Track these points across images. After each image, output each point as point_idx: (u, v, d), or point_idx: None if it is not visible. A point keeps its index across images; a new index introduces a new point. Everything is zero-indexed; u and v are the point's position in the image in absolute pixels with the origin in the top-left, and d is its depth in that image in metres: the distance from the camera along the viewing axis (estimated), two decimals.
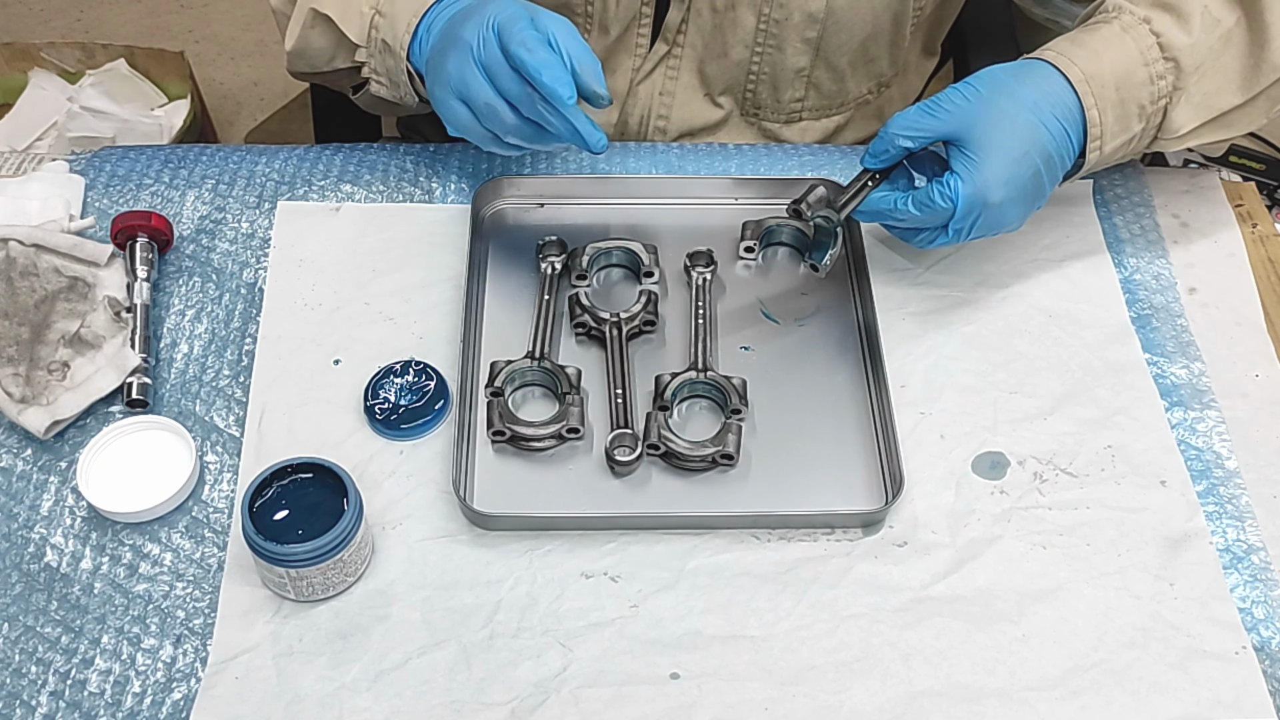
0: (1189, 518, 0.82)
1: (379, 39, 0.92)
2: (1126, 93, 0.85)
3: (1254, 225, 1.01)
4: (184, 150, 1.03)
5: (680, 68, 1.04)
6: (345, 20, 0.93)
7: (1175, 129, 0.87)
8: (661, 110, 1.06)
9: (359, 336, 0.90)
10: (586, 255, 0.92)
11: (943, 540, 0.80)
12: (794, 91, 1.06)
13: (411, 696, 0.73)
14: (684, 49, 1.03)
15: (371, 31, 0.92)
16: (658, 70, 1.05)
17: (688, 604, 0.77)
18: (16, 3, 2.45)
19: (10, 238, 0.91)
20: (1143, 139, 0.88)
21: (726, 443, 0.82)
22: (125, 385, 0.85)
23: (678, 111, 1.06)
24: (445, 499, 0.81)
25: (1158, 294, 0.95)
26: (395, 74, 0.93)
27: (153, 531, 0.80)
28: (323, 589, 0.76)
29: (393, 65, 0.92)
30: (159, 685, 0.74)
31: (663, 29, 1.02)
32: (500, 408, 0.83)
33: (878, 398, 0.86)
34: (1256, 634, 0.77)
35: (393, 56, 0.92)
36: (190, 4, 2.47)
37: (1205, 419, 0.87)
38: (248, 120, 2.26)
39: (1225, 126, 0.89)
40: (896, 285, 0.94)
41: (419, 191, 1.00)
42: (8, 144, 1.88)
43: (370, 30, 0.92)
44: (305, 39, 0.96)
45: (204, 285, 0.93)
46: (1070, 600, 0.78)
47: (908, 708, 0.74)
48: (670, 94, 1.06)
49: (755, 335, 0.91)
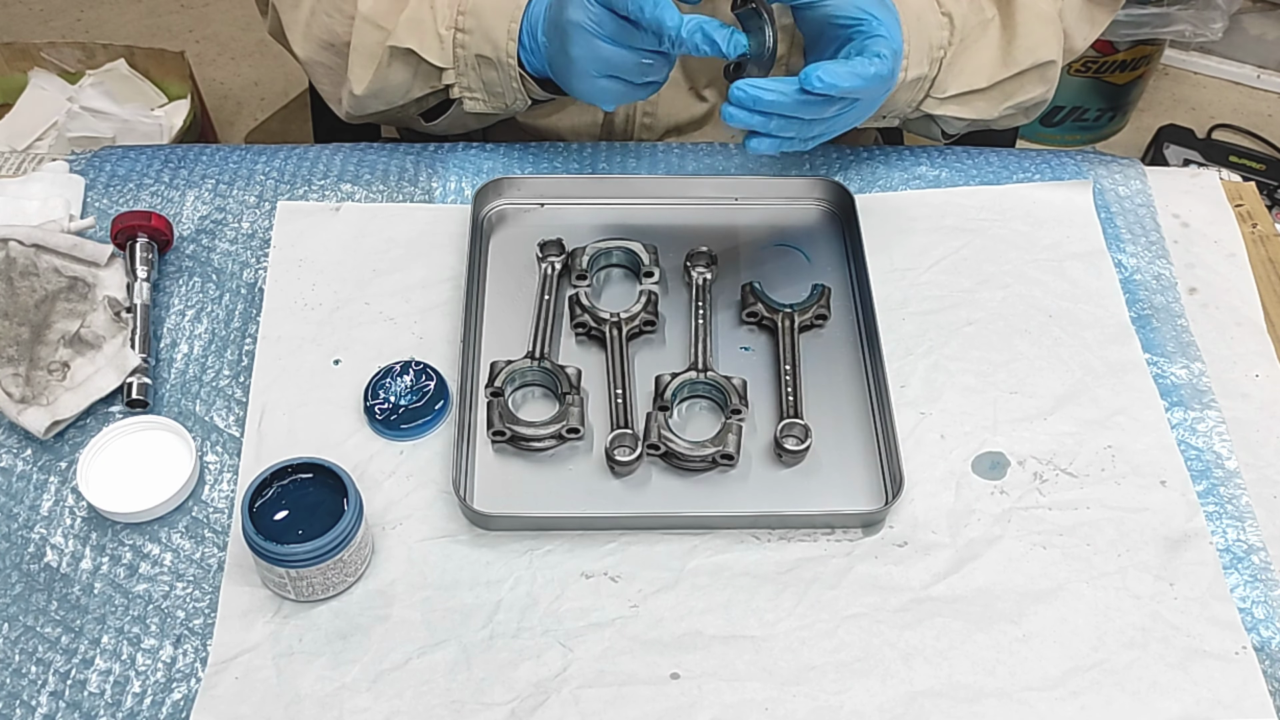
0: (1189, 518, 0.82)
1: (469, 56, 0.92)
2: (922, 27, 0.91)
3: (1254, 225, 1.01)
4: (184, 150, 1.03)
5: None
6: (425, 48, 0.92)
7: (943, 88, 0.94)
8: (647, 107, 1.06)
9: (359, 336, 0.90)
10: (586, 255, 0.92)
11: (943, 540, 0.80)
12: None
13: (411, 696, 0.73)
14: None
15: (457, 50, 0.92)
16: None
17: (688, 604, 0.77)
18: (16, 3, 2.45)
19: (10, 238, 0.91)
20: (924, 90, 0.94)
21: (726, 443, 0.82)
22: (125, 385, 0.85)
23: (663, 107, 1.06)
24: (445, 499, 0.82)
25: (1158, 294, 0.95)
26: (497, 84, 0.93)
27: (153, 531, 0.80)
28: (323, 589, 0.76)
29: (494, 77, 0.93)
30: (159, 685, 0.74)
31: None
32: (500, 408, 0.83)
33: (878, 398, 0.86)
34: (1256, 634, 0.77)
35: (495, 68, 0.92)
36: (190, 4, 2.47)
37: (1205, 419, 0.87)
38: (248, 120, 2.26)
39: (968, 106, 0.97)
40: (896, 285, 0.94)
41: (419, 191, 1.00)
42: (8, 144, 1.88)
43: (455, 49, 0.92)
44: (382, 78, 0.95)
45: (204, 285, 0.93)
46: (1070, 600, 0.78)
47: (908, 708, 0.74)
48: None
49: (755, 335, 0.91)
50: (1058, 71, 0.98)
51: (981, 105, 0.97)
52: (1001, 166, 1.03)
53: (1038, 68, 0.96)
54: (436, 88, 0.95)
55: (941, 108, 0.96)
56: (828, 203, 0.99)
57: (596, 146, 1.04)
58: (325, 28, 0.96)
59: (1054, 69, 0.98)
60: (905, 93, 0.93)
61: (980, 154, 1.04)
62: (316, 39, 0.98)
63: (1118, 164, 1.04)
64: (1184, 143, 2.15)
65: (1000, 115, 0.99)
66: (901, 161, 1.03)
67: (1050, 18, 0.96)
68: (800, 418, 0.84)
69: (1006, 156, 1.04)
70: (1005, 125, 1.03)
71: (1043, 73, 0.97)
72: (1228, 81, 2.39)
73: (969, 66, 0.95)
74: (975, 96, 0.97)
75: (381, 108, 0.99)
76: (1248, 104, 2.36)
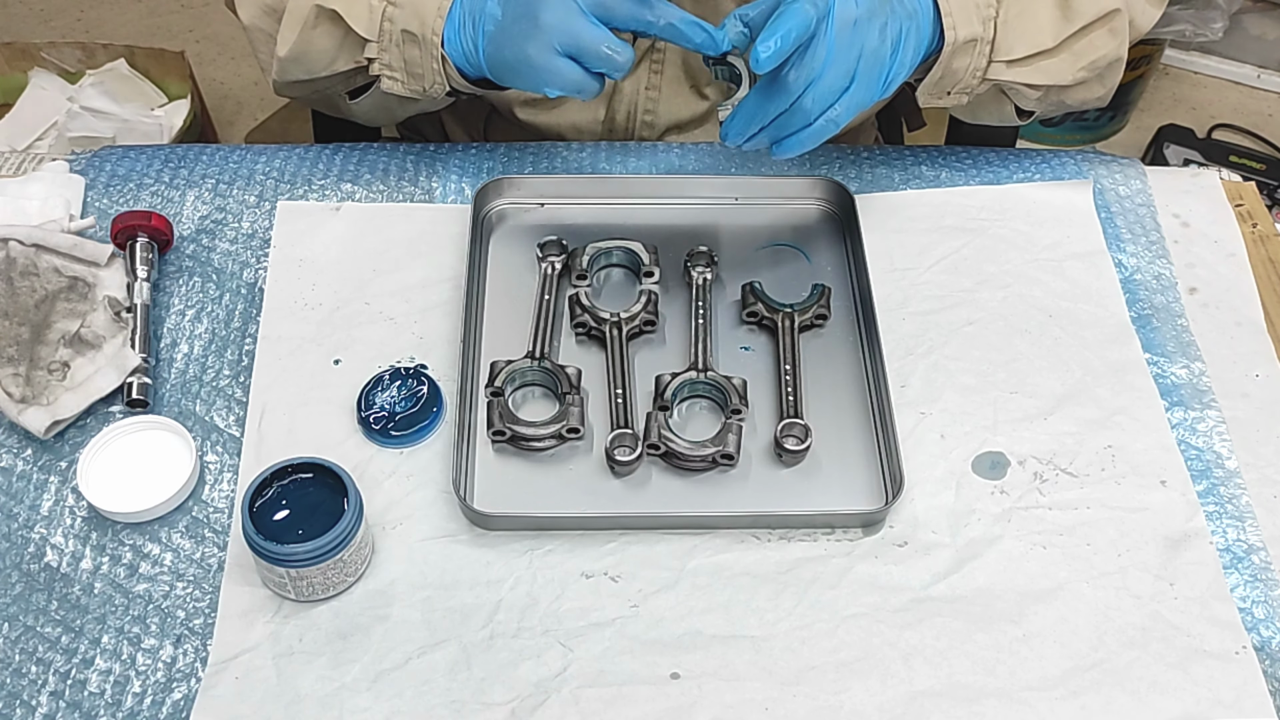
0: (1189, 518, 0.82)
1: (395, 30, 0.89)
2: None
3: (1254, 225, 1.01)
4: (184, 150, 1.03)
5: (665, 61, 1.04)
6: (352, 14, 0.89)
7: (1007, 50, 0.90)
8: (648, 105, 1.06)
9: (359, 336, 0.90)
10: (586, 255, 0.92)
11: (943, 540, 0.80)
12: None
13: (411, 696, 0.73)
14: (667, 44, 1.03)
15: (384, 24, 0.89)
16: (642, 65, 1.04)
17: (688, 604, 0.77)
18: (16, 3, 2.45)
19: (10, 238, 0.91)
20: (984, 54, 0.90)
21: (726, 443, 0.82)
22: (125, 385, 0.85)
23: (664, 106, 1.06)
24: (445, 499, 0.82)
25: (1158, 294, 0.95)
26: (418, 64, 0.90)
27: (153, 531, 0.80)
28: (323, 589, 0.76)
29: (416, 55, 0.90)
30: (159, 685, 0.74)
31: None
32: (500, 408, 0.83)
33: (878, 398, 0.86)
34: (1256, 634, 0.77)
35: (418, 45, 0.89)
36: (190, 4, 2.47)
37: (1205, 419, 0.87)
38: (248, 120, 2.26)
39: (1042, 72, 0.92)
40: (896, 285, 0.94)
41: (419, 191, 1.00)
42: (8, 144, 1.88)
43: (383, 23, 0.89)
44: (306, 40, 0.92)
45: (204, 285, 0.93)
46: (1070, 600, 0.78)
47: (908, 708, 0.74)
48: (656, 88, 1.05)
49: (755, 335, 0.91)
50: (1126, 23, 0.94)
51: (1053, 68, 0.93)
52: (1001, 166, 1.03)
53: (1103, 19, 0.92)
54: (360, 62, 0.92)
55: (1010, 73, 0.91)
56: (828, 203, 0.99)
57: (596, 146, 1.04)
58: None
59: (1121, 19, 0.93)
60: (962, 58, 0.90)
61: (980, 154, 1.04)
62: (261, 3, 0.96)
63: (1118, 164, 1.04)
64: (1184, 143, 2.15)
65: (1075, 80, 0.94)
66: (901, 161, 1.03)
67: None
68: (800, 418, 0.84)
69: (1006, 156, 1.04)
70: (1080, 100, 0.98)
71: (1110, 24, 0.93)
72: (1228, 81, 2.39)
73: (1030, 27, 0.91)
74: (1044, 58, 0.92)
75: (304, 76, 0.95)
76: (1248, 104, 2.36)
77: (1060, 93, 0.95)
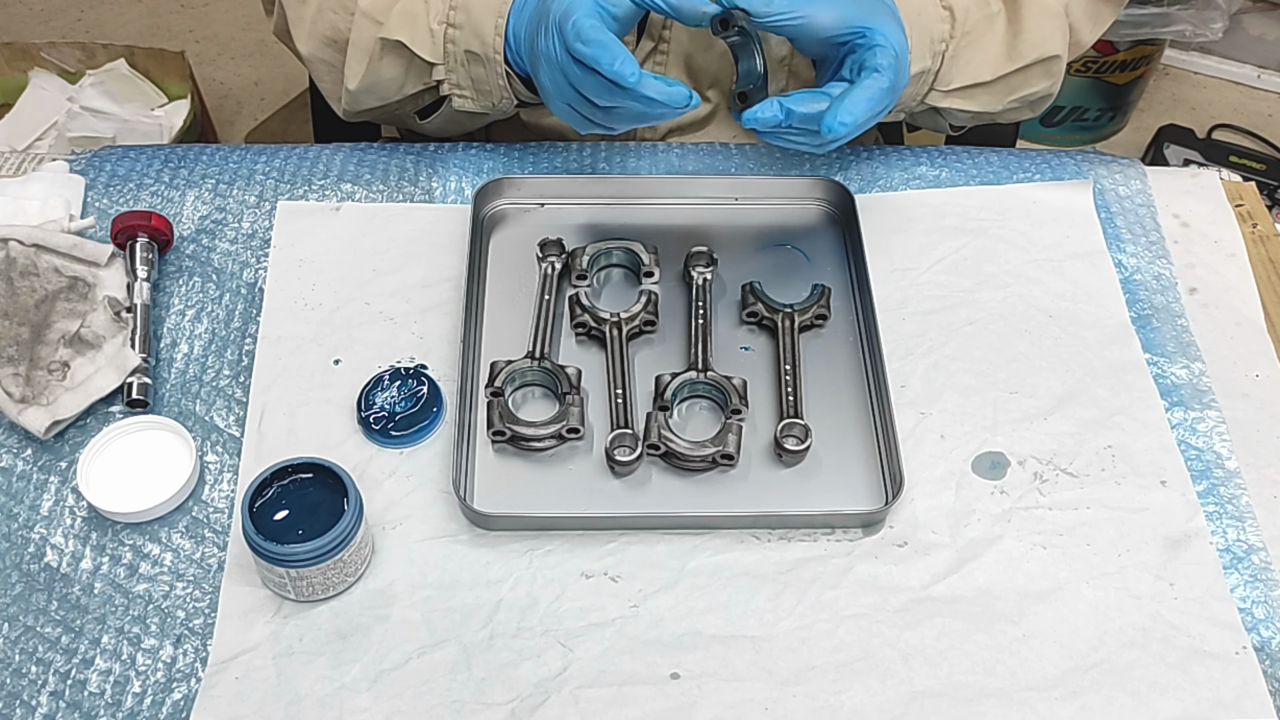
0: (1189, 518, 0.82)
1: (459, 51, 0.91)
2: (923, 22, 0.92)
3: (1254, 225, 1.01)
4: (184, 150, 1.03)
5: (667, 63, 1.04)
6: (416, 41, 0.92)
7: (946, 81, 0.95)
8: None
9: (359, 336, 0.90)
10: (586, 255, 0.92)
11: (943, 540, 0.80)
12: (777, 82, 1.06)
13: (411, 696, 0.73)
14: (670, 44, 1.03)
15: (448, 46, 0.92)
16: (645, 66, 1.04)
17: (688, 604, 0.77)
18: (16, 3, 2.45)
19: (10, 238, 0.91)
20: (927, 83, 0.95)
21: (726, 443, 0.82)
22: (125, 385, 0.85)
23: None
24: (445, 499, 0.82)
25: (1158, 294, 0.95)
26: (485, 82, 0.93)
27: (153, 531, 0.80)
28: (323, 589, 0.76)
29: (482, 74, 0.92)
30: (159, 685, 0.74)
31: (648, 25, 1.02)
32: (500, 408, 0.83)
33: (878, 398, 0.86)
34: (1256, 634, 0.77)
35: (483, 64, 0.91)
36: (190, 4, 2.47)
37: (1205, 419, 0.87)
38: (248, 120, 2.26)
39: (972, 99, 0.98)
40: (896, 285, 0.94)
41: (419, 191, 1.00)
42: (8, 144, 1.88)
43: (446, 45, 0.92)
44: (374, 72, 0.94)
45: (204, 285, 0.93)
46: (1070, 600, 0.78)
47: (908, 708, 0.74)
48: None
49: (755, 335, 0.91)
50: (1063, 67, 0.99)
51: (986, 98, 0.98)
52: (1001, 166, 1.03)
53: (1042, 62, 0.97)
54: (429, 84, 0.95)
55: (946, 100, 0.96)
56: (828, 203, 0.99)
57: (596, 146, 1.04)
58: (329, 24, 0.96)
59: (1059, 64, 0.98)
60: (910, 86, 0.94)
61: (980, 154, 1.04)
62: (320, 35, 0.98)
63: (1118, 164, 1.04)
64: (1184, 143, 2.15)
65: (1005, 109, 1.00)
66: (901, 161, 1.03)
67: (1056, 13, 0.97)
68: (800, 418, 0.84)
69: (1007, 156, 1.04)
70: (1009, 119, 1.04)
71: (1047, 67, 0.98)
72: (1228, 81, 2.40)
73: (974, 60, 0.95)
74: (979, 90, 0.97)
75: (376, 104, 0.99)
76: (1248, 104, 2.36)
77: (991, 116, 1.01)
